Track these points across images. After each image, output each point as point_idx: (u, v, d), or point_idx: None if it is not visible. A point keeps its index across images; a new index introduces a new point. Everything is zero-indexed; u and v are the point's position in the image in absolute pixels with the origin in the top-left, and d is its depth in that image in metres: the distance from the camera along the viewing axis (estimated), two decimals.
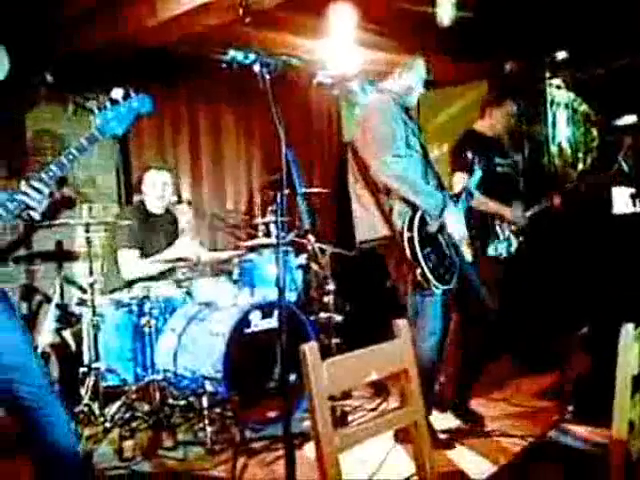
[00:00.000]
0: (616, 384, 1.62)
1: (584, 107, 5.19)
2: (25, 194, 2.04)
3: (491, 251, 3.52)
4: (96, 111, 2.25)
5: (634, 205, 4.26)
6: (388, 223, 2.95)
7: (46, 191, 2.08)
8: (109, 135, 2.27)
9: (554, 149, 5.16)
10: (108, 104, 2.27)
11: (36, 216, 2.10)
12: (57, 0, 3.76)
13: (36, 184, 2.05)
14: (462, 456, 2.92)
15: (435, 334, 2.99)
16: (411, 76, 3.14)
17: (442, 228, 2.97)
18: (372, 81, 5.85)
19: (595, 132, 5.23)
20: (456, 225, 3.03)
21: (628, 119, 4.65)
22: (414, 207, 2.91)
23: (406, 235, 2.84)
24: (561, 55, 4.72)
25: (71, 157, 2.13)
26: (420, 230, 2.86)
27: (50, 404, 2.10)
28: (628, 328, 1.60)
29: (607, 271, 4.01)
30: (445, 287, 2.93)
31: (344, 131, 6.21)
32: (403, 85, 3.13)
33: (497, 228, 3.60)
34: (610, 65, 4.62)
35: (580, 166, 5.29)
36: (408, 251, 2.83)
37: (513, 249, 3.57)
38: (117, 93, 2.29)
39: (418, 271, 2.83)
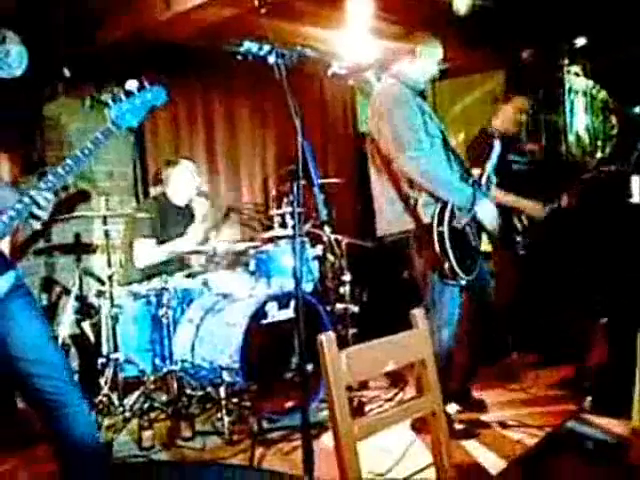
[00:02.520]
0: (636, 374, 1.61)
1: (603, 94, 5.12)
2: (32, 202, 2.01)
3: (510, 244, 3.50)
4: (111, 103, 2.22)
5: None
6: (413, 216, 2.92)
7: (50, 197, 2.04)
8: (124, 127, 2.25)
9: (572, 138, 5.10)
10: (122, 96, 2.24)
11: (37, 226, 2.07)
12: None
13: (42, 192, 2.01)
14: (479, 446, 2.92)
15: (452, 323, 3.00)
16: (426, 58, 3.07)
17: (471, 220, 2.95)
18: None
19: (614, 120, 5.16)
20: (488, 213, 3.00)
21: None
22: (442, 200, 2.88)
23: (436, 229, 2.81)
24: (580, 42, 4.66)
25: (87, 151, 2.11)
26: (450, 224, 2.83)
27: (72, 397, 2.12)
28: None
29: (627, 261, 3.96)
30: (469, 277, 2.92)
31: (360, 121, 6.19)
32: (418, 68, 3.06)
33: (516, 221, 3.58)
34: (629, 52, 4.55)
35: (599, 154, 5.23)
36: (437, 245, 2.80)
37: (529, 242, 3.56)
38: (131, 85, 2.27)
39: (446, 265, 2.81)
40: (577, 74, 5.11)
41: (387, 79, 3.12)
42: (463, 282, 2.92)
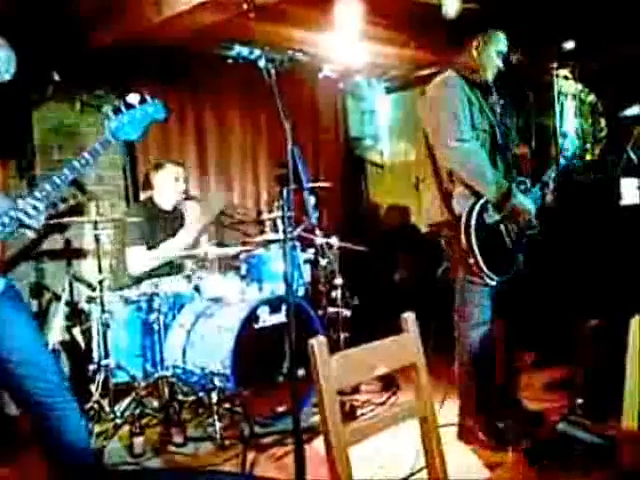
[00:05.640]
0: (625, 376, 1.61)
1: (591, 98, 5.15)
2: (22, 211, 2.00)
3: None
4: (111, 115, 2.22)
5: None
6: (448, 207, 2.89)
7: (42, 207, 2.03)
8: (123, 140, 2.25)
9: (561, 141, 5.11)
10: (123, 108, 2.24)
11: (31, 234, 2.07)
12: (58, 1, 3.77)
13: (34, 201, 2.01)
14: (472, 450, 2.91)
15: (484, 324, 2.91)
16: (487, 50, 3.01)
17: (505, 218, 2.89)
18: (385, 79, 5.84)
19: (603, 123, 5.19)
20: (522, 213, 2.93)
21: (636, 109, 4.61)
22: (476, 194, 2.84)
23: (463, 223, 2.77)
24: (569, 45, 4.68)
25: (84, 161, 2.12)
26: (479, 219, 2.79)
27: (65, 400, 2.12)
28: (637, 320, 1.60)
29: (616, 263, 3.98)
30: (499, 278, 2.84)
31: (350, 125, 6.20)
32: (477, 59, 3.00)
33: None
34: (618, 55, 4.58)
35: (588, 157, 5.25)
36: (464, 240, 2.76)
37: None
38: (133, 98, 2.26)
39: (471, 260, 2.76)
40: (566, 77, 5.13)
41: (448, 71, 3.02)
42: (493, 282, 2.83)
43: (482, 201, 2.82)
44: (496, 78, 3.07)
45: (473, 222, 2.77)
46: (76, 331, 3.96)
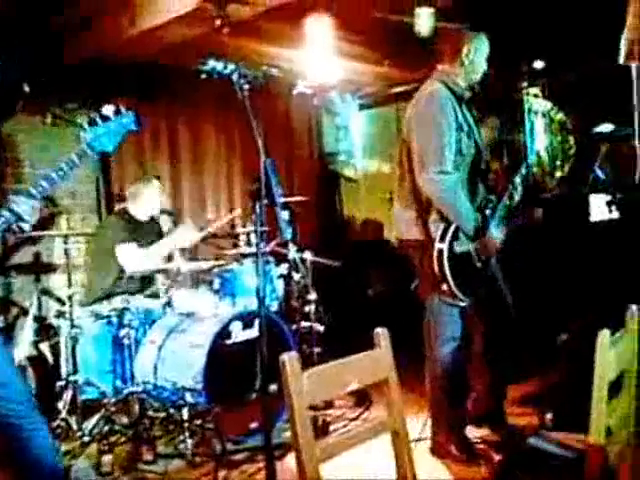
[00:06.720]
0: (593, 390, 1.63)
1: (560, 116, 5.27)
2: (16, 204, 2.03)
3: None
4: (86, 127, 2.23)
5: (610, 212, 4.31)
6: (424, 227, 2.84)
7: (36, 205, 2.07)
8: (98, 151, 2.24)
9: (532, 158, 5.20)
10: (99, 120, 2.24)
11: (26, 227, 2.09)
12: (36, 13, 3.74)
13: (24, 198, 2.05)
14: (443, 465, 2.92)
15: (455, 339, 2.91)
16: (477, 56, 2.88)
17: (477, 247, 2.86)
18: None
19: (572, 140, 5.30)
20: (493, 244, 2.92)
21: (604, 127, 4.73)
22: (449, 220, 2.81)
23: (437, 246, 2.74)
24: (538, 64, 4.79)
25: (61, 173, 2.13)
26: (451, 244, 2.76)
27: (33, 421, 2.08)
28: (604, 334, 1.62)
29: (585, 278, 4.04)
30: (470, 299, 2.84)
31: (324, 140, 6.24)
32: (467, 69, 2.87)
33: None
34: (586, 73, 4.69)
35: (558, 174, 5.35)
36: (436, 263, 2.74)
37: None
38: (108, 109, 2.28)
39: (444, 286, 2.74)
40: (536, 95, 5.23)
41: (433, 81, 2.87)
42: (463, 304, 2.84)
43: (454, 226, 2.79)
44: (474, 94, 3.01)
45: (445, 247, 2.74)
46: (44, 346, 3.88)
